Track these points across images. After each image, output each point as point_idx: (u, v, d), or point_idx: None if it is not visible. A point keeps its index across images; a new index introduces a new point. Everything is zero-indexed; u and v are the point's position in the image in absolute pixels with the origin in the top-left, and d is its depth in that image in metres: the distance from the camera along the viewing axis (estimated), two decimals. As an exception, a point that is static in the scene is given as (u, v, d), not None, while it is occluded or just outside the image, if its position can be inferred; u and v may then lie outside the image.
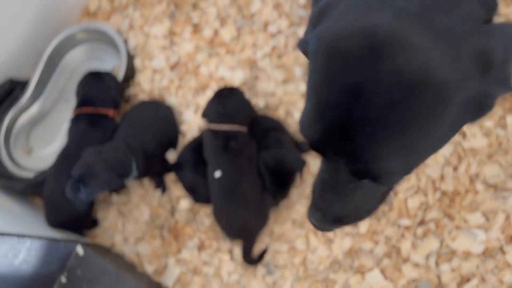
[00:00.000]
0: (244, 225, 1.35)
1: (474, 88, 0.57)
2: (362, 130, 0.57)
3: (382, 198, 0.75)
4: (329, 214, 0.70)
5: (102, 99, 1.48)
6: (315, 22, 0.67)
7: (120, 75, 1.58)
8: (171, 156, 1.53)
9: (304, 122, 0.63)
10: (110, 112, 1.49)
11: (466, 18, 0.58)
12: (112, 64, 1.69)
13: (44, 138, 1.67)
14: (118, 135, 1.44)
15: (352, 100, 0.56)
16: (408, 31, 0.55)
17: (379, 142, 0.57)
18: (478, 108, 0.60)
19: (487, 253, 1.24)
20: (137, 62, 1.66)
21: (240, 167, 1.36)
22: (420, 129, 0.56)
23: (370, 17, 0.57)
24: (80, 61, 1.73)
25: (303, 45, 0.67)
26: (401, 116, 0.55)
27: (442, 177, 1.32)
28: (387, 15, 0.56)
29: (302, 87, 1.51)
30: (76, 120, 1.47)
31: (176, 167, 1.49)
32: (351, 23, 0.58)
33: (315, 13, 0.67)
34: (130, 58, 1.64)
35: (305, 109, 0.63)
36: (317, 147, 0.63)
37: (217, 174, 1.35)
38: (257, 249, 1.41)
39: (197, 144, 1.46)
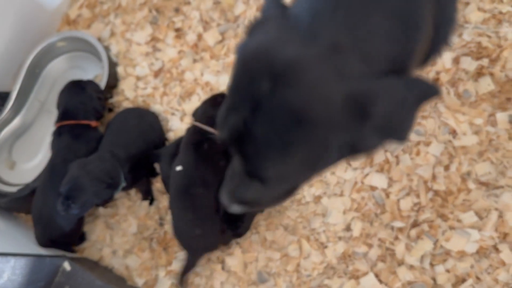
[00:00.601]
0: (186, 232, 1.30)
1: (348, 133, 0.64)
2: (252, 141, 0.64)
3: (286, 194, 0.82)
4: (234, 197, 0.79)
5: (84, 110, 1.44)
6: (247, 32, 0.73)
7: (103, 83, 1.54)
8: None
9: (217, 120, 0.70)
10: (93, 123, 1.46)
11: (366, 62, 0.63)
12: (94, 72, 1.66)
13: (27, 151, 1.62)
14: (102, 145, 1.41)
15: (249, 114, 0.63)
16: (303, 68, 0.60)
17: (263, 156, 0.65)
18: (354, 150, 0.67)
19: (481, 252, 1.23)
20: (120, 70, 1.63)
21: (202, 170, 1.30)
22: (296, 157, 0.64)
23: (278, 46, 0.63)
24: (61, 71, 1.70)
25: (235, 51, 0.73)
26: (281, 142, 0.62)
27: (433, 177, 1.30)
28: (292, 49, 0.62)
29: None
30: (59, 133, 1.43)
31: (155, 156, 1.45)
32: (263, 46, 0.64)
33: (249, 24, 0.73)
34: (112, 65, 1.61)
35: (220, 108, 0.70)
36: (224, 142, 0.69)
37: (178, 167, 1.31)
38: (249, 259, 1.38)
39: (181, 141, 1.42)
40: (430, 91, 0.64)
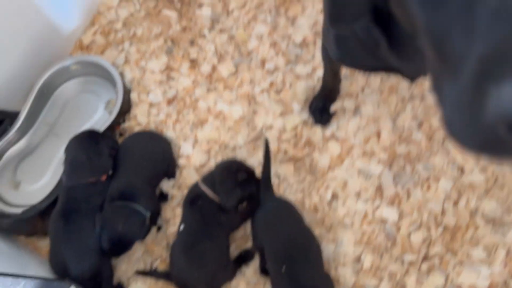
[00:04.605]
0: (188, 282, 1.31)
1: None
2: None
3: None
4: None
5: (91, 168, 1.39)
6: None
7: (116, 108, 1.55)
8: (168, 188, 1.50)
9: None
10: (103, 177, 1.42)
11: None
12: (107, 97, 1.67)
13: (32, 173, 1.60)
14: (119, 174, 1.41)
15: None
16: None
17: None
18: None
19: (492, 288, 1.25)
20: (133, 96, 1.65)
21: (203, 225, 1.32)
22: None
23: None
24: (73, 94, 1.70)
25: None
26: None
27: (443, 212, 1.34)
28: None
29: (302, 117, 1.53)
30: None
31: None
32: None
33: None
34: (126, 91, 1.62)
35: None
36: None
37: (181, 227, 1.34)
38: None
39: None
40: None
